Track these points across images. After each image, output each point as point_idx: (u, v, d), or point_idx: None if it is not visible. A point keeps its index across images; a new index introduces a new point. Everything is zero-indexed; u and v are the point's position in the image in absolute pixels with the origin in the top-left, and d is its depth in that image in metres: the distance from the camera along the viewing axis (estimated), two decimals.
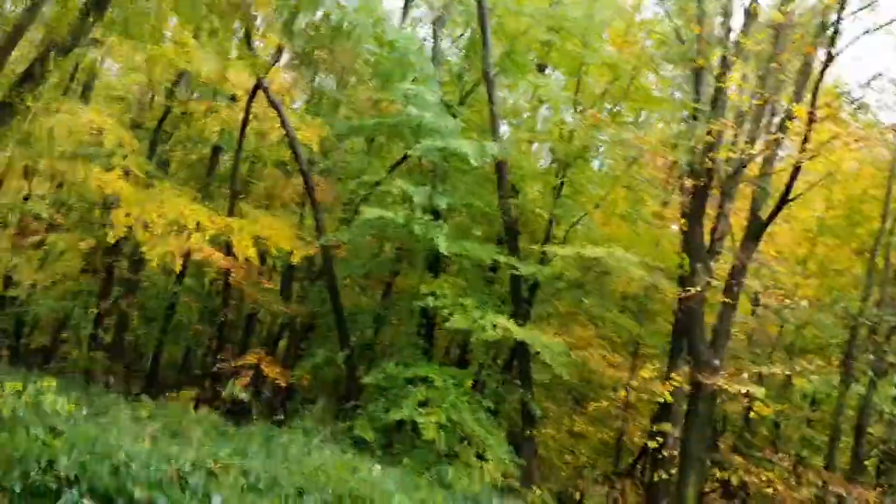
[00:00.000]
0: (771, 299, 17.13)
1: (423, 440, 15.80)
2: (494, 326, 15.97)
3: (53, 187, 18.22)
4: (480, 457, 16.33)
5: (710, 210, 17.06)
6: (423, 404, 16.12)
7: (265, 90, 18.01)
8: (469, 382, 17.30)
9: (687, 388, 15.84)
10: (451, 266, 19.83)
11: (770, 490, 16.37)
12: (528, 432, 17.71)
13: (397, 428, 16.89)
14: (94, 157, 18.20)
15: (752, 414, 17.26)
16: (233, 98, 20.62)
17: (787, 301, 16.95)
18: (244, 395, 13.80)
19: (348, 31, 16.98)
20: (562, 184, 18.75)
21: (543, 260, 18.55)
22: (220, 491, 7.28)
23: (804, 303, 17.42)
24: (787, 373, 16.02)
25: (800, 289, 17.89)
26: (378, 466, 9.85)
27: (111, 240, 16.86)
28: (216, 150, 21.36)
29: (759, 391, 15.62)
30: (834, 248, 18.46)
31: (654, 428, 17.19)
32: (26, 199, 19.44)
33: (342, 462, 8.93)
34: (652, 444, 16.94)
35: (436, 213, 18.75)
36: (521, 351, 17.78)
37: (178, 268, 17.81)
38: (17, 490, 5.69)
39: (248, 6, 14.92)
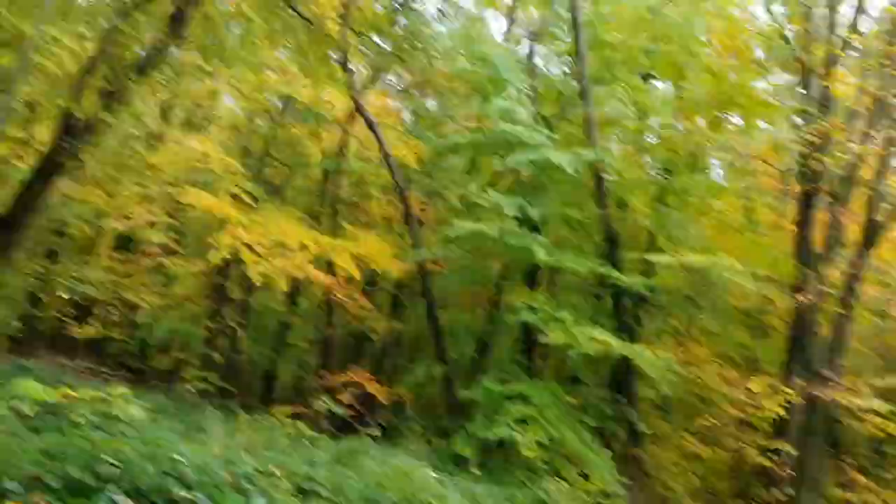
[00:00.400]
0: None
1: (521, 458, 15.47)
2: (593, 340, 15.54)
3: (165, 214, 19.00)
4: (584, 476, 15.87)
5: (825, 216, 16.12)
6: (521, 422, 15.81)
7: (361, 111, 18.28)
8: (571, 399, 16.85)
9: (798, 401, 14.90)
10: (553, 281, 19.50)
11: None
12: (635, 452, 17.09)
13: (496, 445, 16.57)
14: (203, 184, 18.91)
15: (880, 433, 16.02)
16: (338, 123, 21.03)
17: None
18: (338, 410, 13.91)
19: (424, 48, 17.04)
20: (665, 193, 18.12)
21: (648, 273, 17.99)
22: (277, 495, 7.28)
23: None
24: None
25: None
26: (431, 472, 9.62)
27: (215, 261, 17.41)
28: (326, 174, 21.78)
29: (882, 406, 14.49)
30: None
31: (771, 446, 16.25)
32: (151, 225, 20.35)
33: (400, 469, 8.82)
34: (766, 463, 16.04)
35: (535, 229, 18.56)
36: (625, 367, 17.23)
37: (283, 287, 18.19)
38: (56, 486, 5.84)
39: (337, 32, 15.21)
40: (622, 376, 17.62)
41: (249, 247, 17.41)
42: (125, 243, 21.99)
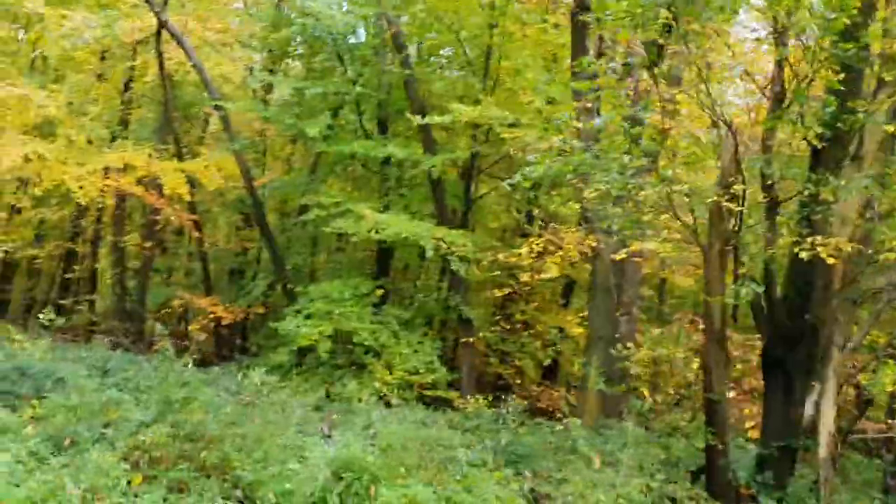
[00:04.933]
0: None
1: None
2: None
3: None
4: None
5: None
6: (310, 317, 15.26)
7: (166, 26, 17.67)
8: (379, 292, 16.12)
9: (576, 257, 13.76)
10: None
11: None
12: (463, 339, 16.26)
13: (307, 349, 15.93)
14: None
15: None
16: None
17: None
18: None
19: None
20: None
21: None
22: None
23: None
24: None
25: None
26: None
27: (39, 192, 17.67)
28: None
29: (660, 246, 13.12)
30: None
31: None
32: None
33: None
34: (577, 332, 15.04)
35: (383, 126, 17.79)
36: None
37: (82, 199, 17.85)
38: None
39: None
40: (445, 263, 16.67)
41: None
42: None
